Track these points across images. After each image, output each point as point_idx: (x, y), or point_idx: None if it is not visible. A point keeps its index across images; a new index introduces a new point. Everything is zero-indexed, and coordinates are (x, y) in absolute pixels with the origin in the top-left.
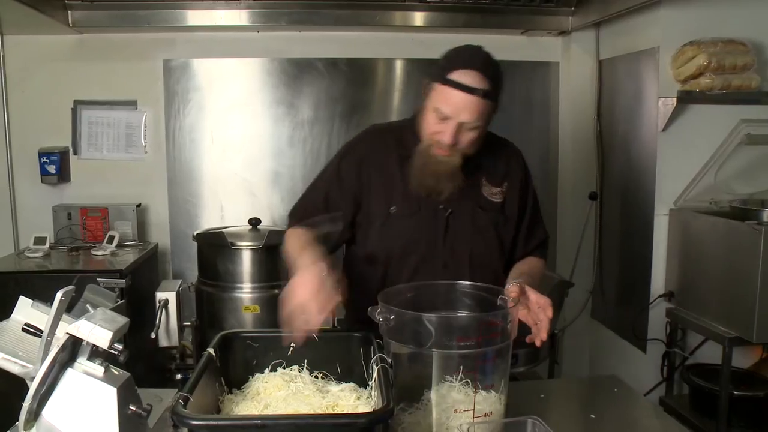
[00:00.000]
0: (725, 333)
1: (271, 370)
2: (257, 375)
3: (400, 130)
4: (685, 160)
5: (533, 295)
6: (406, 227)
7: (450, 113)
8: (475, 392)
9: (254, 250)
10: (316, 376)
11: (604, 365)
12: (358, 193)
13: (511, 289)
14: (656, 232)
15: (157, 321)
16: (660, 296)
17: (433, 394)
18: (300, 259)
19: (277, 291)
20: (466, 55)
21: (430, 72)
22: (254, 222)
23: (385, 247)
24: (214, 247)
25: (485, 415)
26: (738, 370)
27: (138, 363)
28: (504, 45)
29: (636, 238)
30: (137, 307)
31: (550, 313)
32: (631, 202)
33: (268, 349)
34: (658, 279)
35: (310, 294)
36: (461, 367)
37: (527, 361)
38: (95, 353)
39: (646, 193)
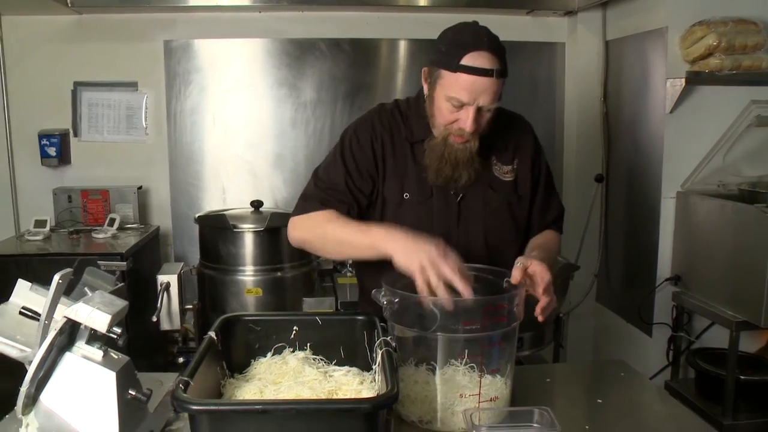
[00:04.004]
0: (732, 317)
1: (273, 354)
2: (259, 359)
3: (407, 117)
4: (693, 143)
5: (535, 267)
6: (419, 214)
7: (468, 100)
8: (480, 376)
9: (256, 233)
10: (320, 360)
11: (608, 349)
12: (374, 174)
13: (514, 274)
14: (663, 215)
15: (159, 304)
16: (666, 280)
17: (438, 379)
18: (379, 228)
19: (279, 274)
20: (470, 37)
21: (433, 59)
22: (256, 204)
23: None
24: (216, 230)
25: (491, 400)
26: (744, 355)
27: (140, 347)
28: (509, 25)
29: (642, 221)
30: (139, 290)
31: (543, 279)
32: (638, 185)
33: (270, 333)
34: (665, 262)
35: (437, 251)
36: (466, 351)
37: (532, 345)
38: (94, 337)
39: (653, 175)
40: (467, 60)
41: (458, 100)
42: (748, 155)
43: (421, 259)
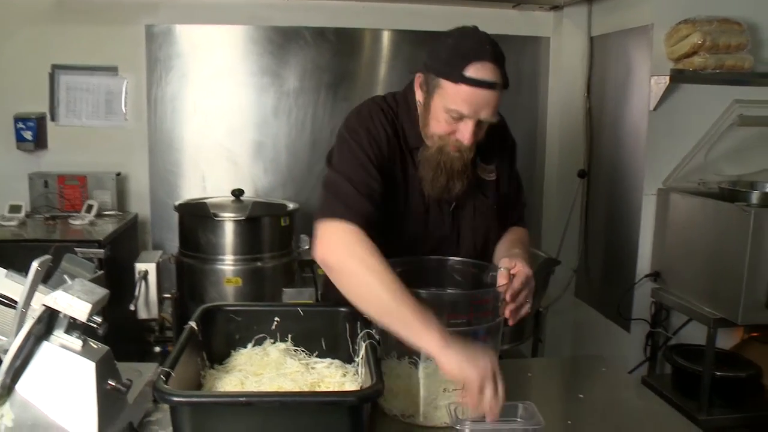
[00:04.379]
0: (710, 314)
1: (254, 345)
2: (240, 349)
3: (401, 121)
4: (675, 140)
5: (519, 269)
6: (419, 224)
7: (469, 113)
8: None
9: (237, 222)
10: (301, 352)
11: (587, 344)
12: (385, 173)
13: (500, 280)
14: (644, 212)
15: (137, 293)
16: (646, 276)
17: (422, 372)
18: (435, 330)
19: (259, 263)
20: (475, 45)
21: (430, 66)
22: (237, 193)
23: (394, 242)
24: (197, 218)
25: None
26: (720, 351)
27: (116, 335)
28: (494, 18)
29: (623, 218)
30: (116, 278)
31: (517, 284)
32: (620, 181)
33: (251, 323)
34: (644, 259)
35: (490, 375)
36: None
37: (511, 339)
38: (73, 326)
39: (635, 172)
40: (471, 71)
41: (458, 112)
42: (729, 154)
43: (474, 382)
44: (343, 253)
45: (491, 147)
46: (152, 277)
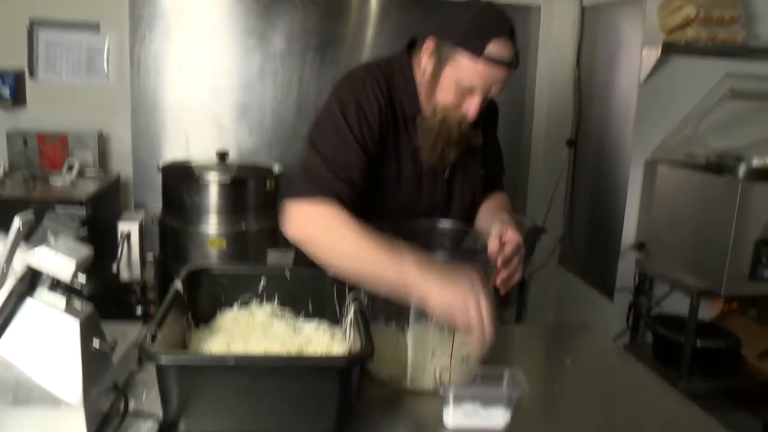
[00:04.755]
0: (694, 285)
1: (240, 307)
2: (225, 311)
3: (397, 89)
4: (665, 113)
5: (510, 236)
6: (411, 192)
7: (482, 88)
8: (452, 335)
9: (222, 184)
10: (288, 313)
11: (569, 312)
12: (376, 153)
13: (491, 247)
14: (631, 183)
15: (119, 254)
16: (630, 246)
17: (410, 336)
18: (411, 263)
19: (243, 226)
20: (494, 20)
21: (446, 35)
22: (222, 155)
23: (384, 211)
24: (181, 180)
25: (460, 359)
26: (701, 322)
27: (97, 297)
28: None
29: (610, 188)
30: (98, 239)
31: (508, 251)
32: (607, 152)
33: (237, 285)
34: (630, 229)
35: (474, 294)
36: None
37: (495, 304)
38: (56, 284)
39: (623, 143)
40: (492, 48)
41: (471, 87)
42: (718, 127)
43: (460, 307)
44: (311, 227)
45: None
46: (135, 238)
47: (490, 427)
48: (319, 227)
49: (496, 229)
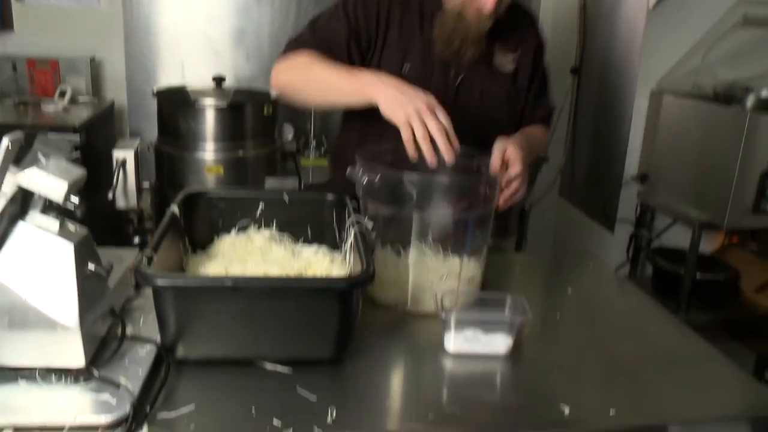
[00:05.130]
0: (696, 217)
1: (238, 232)
2: (223, 236)
3: None
4: (673, 41)
5: (511, 152)
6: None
7: None
8: (456, 259)
9: (219, 109)
10: (286, 238)
11: (569, 243)
12: (373, 40)
13: (493, 162)
14: (635, 113)
15: (114, 181)
16: (633, 177)
17: (411, 258)
18: (368, 73)
19: (241, 152)
20: None
21: None
22: (219, 80)
23: None
24: (177, 105)
25: (462, 283)
26: (701, 255)
27: (94, 226)
28: None
29: (613, 118)
30: (92, 167)
31: (514, 169)
32: (612, 81)
33: (234, 210)
34: (633, 160)
35: (427, 105)
36: (441, 232)
37: (495, 234)
38: (49, 207)
39: (629, 72)
40: None
41: None
42: (727, 58)
43: (408, 111)
44: (286, 70)
45: (516, 37)
46: (130, 166)
47: (492, 353)
48: (292, 69)
49: (499, 146)
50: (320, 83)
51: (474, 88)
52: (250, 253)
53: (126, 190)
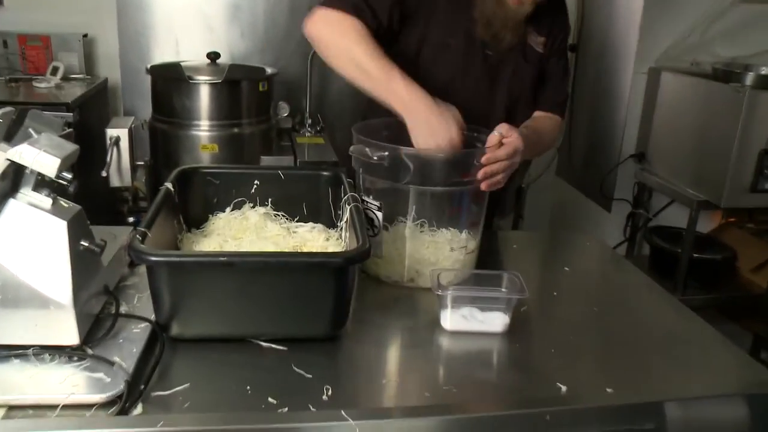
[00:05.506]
0: (693, 196)
1: (232, 209)
2: (218, 213)
3: None
4: (671, 18)
5: (512, 139)
6: (455, 67)
7: None
8: (452, 233)
9: (213, 85)
10: (281, 216)
11: (566, 222)
12: (420, 7)
13: (491, 139)
14: (633, 91)
15: (108, 159)
16: (630, 156)
17: (408, 233)
18: (401, 86)
19: (236, 130)
20: None
21: None
22: (213, 56)
23: (429, 78)
24: (171, 81)
25: (458, 258)
26: (698, 234)
27: (88, 205)
28: None
29: (611, 96)
30: (86, 144)
31: (502, 151)
32: (610, 58)
33: (229, 187)
34: (630, 139)
35: (457, 137)
36: (437, 207)
37: (491, 212)
38: (41, 183)
39: (627, 49)
40: None
41: None
42: (726, 34)
43: (437, 143)
44: (328, 28)
45: (547, 20)
46: (124, 143)
47: (489, 330)
48: (334, 30)
49: (502, 128)
50: (356, 67)
51: (507, 70)
52: (245, 231)
53: (120, 168)
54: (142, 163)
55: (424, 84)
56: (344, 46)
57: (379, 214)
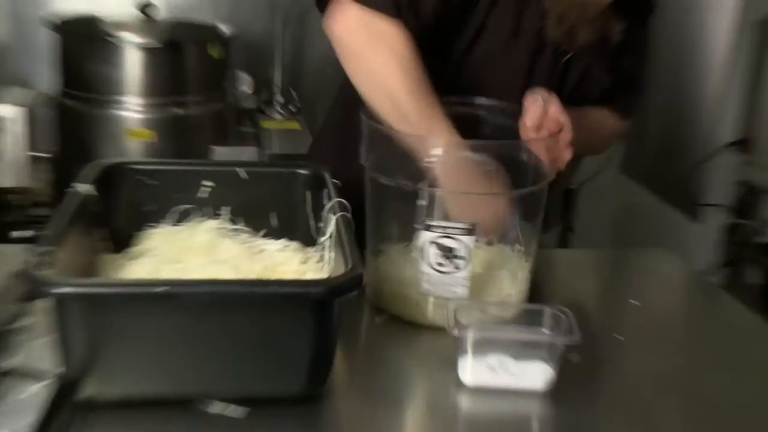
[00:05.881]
0: None
1: (176, 222)
2: (153, 227)
3: None
4: None
5: (555, 113)
6: (520, 64)
7: None
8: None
9: (147, 49)
10: (242, 231)
11: (633, 237)
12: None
13: (528, 106)
14: (733, 53)
15: None
16: (728, 144)
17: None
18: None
19: (179, 110)
20: None
21: None
22: (145, 7)
23: (476, 85)
24: (86, 42)
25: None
26: None
27: None
28: None
29: (700, 61)
30: None
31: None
32: (699, 8)
33: (169, 190)
34: (728, 121)
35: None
36: None
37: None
38: None
39: None
40: None
41: None
42: None
43: (480, 220)
44: (364, 35)
45: (629, 6)
46: (18, 127)
47: (525, 388)
48: (372, 41)
49: (536, 102)
50: (390, 101)
51: (577, 68)
52: (192, 251)
53: (10, 162)
54: (44, 155)
55: (470, 93)
56: (379, 69)
57: (467, 240)
